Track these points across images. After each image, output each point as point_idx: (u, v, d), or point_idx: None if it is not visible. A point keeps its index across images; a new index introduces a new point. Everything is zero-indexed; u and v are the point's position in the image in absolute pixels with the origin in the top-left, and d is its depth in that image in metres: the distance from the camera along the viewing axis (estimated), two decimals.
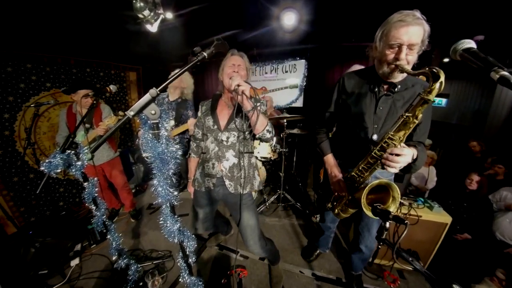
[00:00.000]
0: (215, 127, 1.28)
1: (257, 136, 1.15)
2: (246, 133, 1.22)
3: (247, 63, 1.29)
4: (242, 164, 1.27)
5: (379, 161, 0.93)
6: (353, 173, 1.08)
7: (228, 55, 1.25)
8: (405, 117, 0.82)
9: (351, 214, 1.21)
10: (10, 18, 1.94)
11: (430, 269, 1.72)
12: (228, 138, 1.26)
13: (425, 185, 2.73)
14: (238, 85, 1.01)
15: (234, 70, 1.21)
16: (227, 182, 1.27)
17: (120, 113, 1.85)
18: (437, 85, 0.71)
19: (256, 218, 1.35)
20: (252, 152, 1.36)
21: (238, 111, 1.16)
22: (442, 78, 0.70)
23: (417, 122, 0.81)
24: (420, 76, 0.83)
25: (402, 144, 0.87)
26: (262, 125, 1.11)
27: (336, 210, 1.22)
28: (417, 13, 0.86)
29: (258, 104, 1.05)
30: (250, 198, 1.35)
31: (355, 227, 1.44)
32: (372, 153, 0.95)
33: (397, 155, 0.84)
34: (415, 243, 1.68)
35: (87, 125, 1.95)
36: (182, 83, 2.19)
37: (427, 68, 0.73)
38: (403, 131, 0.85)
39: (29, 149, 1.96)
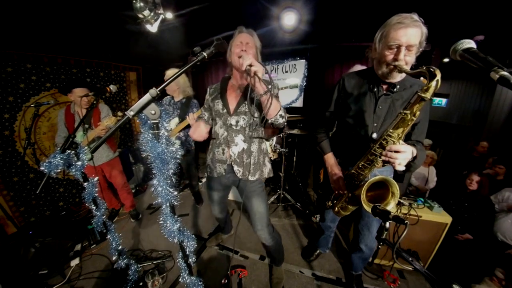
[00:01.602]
0: (224, 111, 1.22)
1: (269, 121, 1.08)
2: (256, 117, 1.18)
3: (257, 42, 1.18)
4: (251, 149, 1.23)
5: (378, 158, 0.94)
6: (353, 171, 1.09)
7: (236, 33, 1.16)
8: (403, 114, 0.84)
9: (351, 212, 1.21)
10: (10, 18, 1.94)
11: (430, 269, 1.72)
12: (237, 122, 1.21)
13: (425, 185, 2.73)
14: (251, 65, 0.92)
15: (242, 49, 1.12)
16: (235, 168, 1.24)
17: (119, 113, 1.84)
18: (434, 83, 0.73)
19: (266, 205, 1.36)
20: (263, 138, 1.31)
21: (249, 93, 1.10)
22: (438, 77, 0.71)
23: (414, 119, 0.82)
24: (421, 79, 0.84)
25: (401, 141, 0.89)
26: (275, 110, 1.03)
27: (336, 208, 1.23)
28: (415, 16, 0.89)
29: (270, 86, 0.97)
30: (261, 185, 1.34)
31: (355, 226, 1.44)
32: (372, 150, 0.97)
33: (396, 151, 0.85)
34: (415, 243, 1.68)
35: (86, 125, 1.95)
36: (179, 84, 2.18)
37: (424, 67, 0.75)
38: (401, 128, 0.86)
39: (29, 149, 1.95)
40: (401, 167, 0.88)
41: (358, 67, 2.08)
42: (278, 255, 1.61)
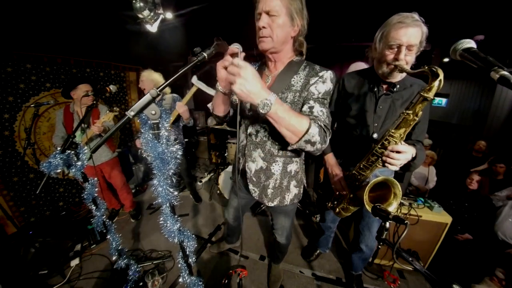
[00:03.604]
0: (250, 113, 0.94)
1: (293, 147, 0.76)
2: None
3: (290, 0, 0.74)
4: (272, 170, 0.98)
5: (380, 159, 0.94)
6: (354, 171, 1.08)
7: None
8: (405, 114, 0.83)
9: (351, 213, 1.21)
10: (10, 18, 1.94)
11: (430, 269, 1.72)
12: (257, 132, 0.94)
13: (425, 185, 2.73)
14: None
15: (260, 27, 0.75)
16: (250, 187, 1.05)
17: (116, 108, 1.80)
18: (436, 83, 0.72)
19: (292, 221, 1.30)
20: (293, 156, 1.00)
21: (281, 78, 0.85)
22: (441, 76, 0.71)
23: (417, 119, 0.82)
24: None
25: (402, 141, 0.88)
26: (295, 135, 0.71)
27: (337, 209, 1.23)
28: (416, 15, 0.88)
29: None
30: (293, 207, 1.19)
31: (356, 227, 1.44)
32: (373, 151, 0.96)
33: (398, 152, 0.85)
34: (415, 243, 1.68)
35: (85, 125, 1.94)
36: (154, 82, 2.06)
37: (426, 67, 0.74)
38: (403, 129, 0.86)
39: (29, 149, 1.95)
40: (395, 168, 0.88)
41: (360, 65, 2.07)
42: (281, 254, 1.60)
